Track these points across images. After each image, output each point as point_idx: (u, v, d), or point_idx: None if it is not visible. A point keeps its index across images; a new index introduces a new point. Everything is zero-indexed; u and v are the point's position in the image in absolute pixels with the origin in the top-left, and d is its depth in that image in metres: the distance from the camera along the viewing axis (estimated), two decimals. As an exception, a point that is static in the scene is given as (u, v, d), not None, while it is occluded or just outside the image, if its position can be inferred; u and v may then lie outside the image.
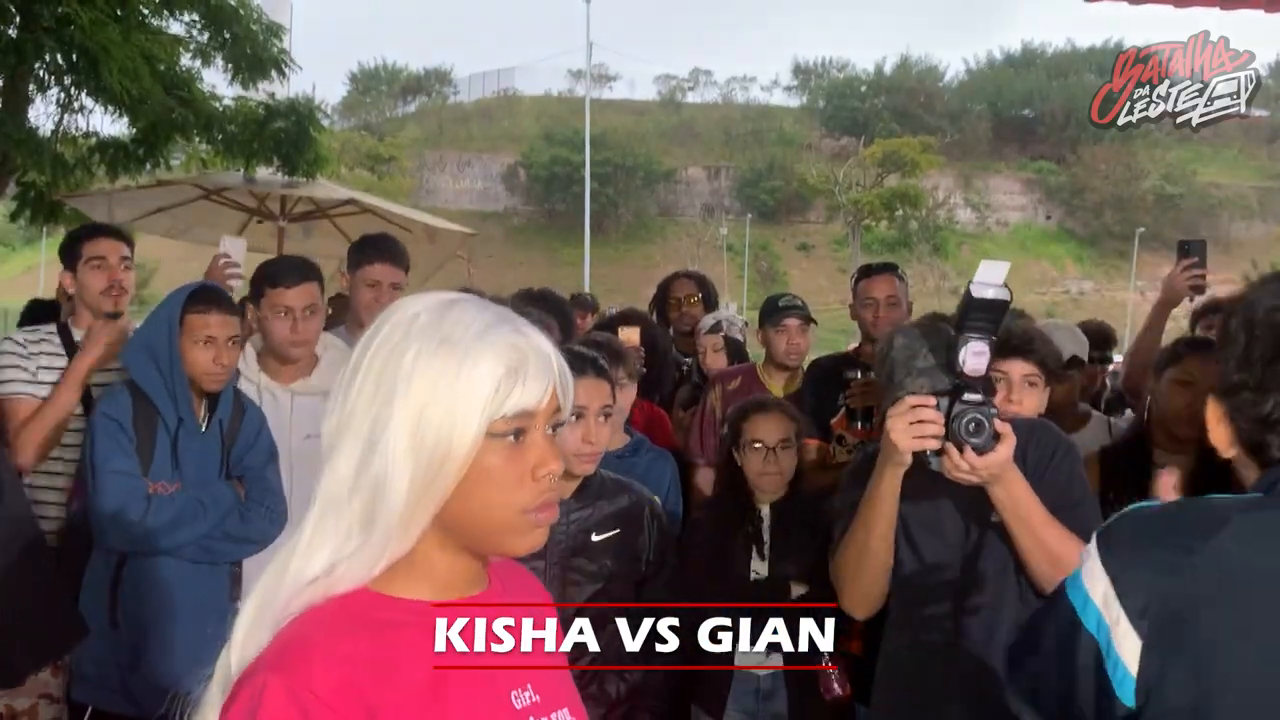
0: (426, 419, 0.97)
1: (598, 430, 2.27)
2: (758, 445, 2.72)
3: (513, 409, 0.99)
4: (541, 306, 3.79)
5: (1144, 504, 1.22)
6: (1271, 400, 1.16)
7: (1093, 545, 1.18)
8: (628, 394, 2.97)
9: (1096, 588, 1.14)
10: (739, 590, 2.69)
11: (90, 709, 2.61)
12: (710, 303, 4.40)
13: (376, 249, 3.42)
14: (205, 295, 2.72)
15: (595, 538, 2.30)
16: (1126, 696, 1.09)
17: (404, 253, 3.45)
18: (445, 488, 0.98)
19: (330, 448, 1.01)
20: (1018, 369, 2.52)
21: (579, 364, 2.32)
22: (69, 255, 3.15)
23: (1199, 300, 3.64)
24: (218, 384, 2.69)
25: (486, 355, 0.98)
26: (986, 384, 1.90)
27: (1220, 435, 1.24)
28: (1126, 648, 1.10)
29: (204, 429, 2.69)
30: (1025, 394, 2.50)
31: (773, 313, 3.72)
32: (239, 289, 3.56)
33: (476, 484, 0.99)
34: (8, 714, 2.61)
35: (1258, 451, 1.19)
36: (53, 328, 3.16)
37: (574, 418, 2.25)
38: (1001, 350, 2.54)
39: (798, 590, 2.69)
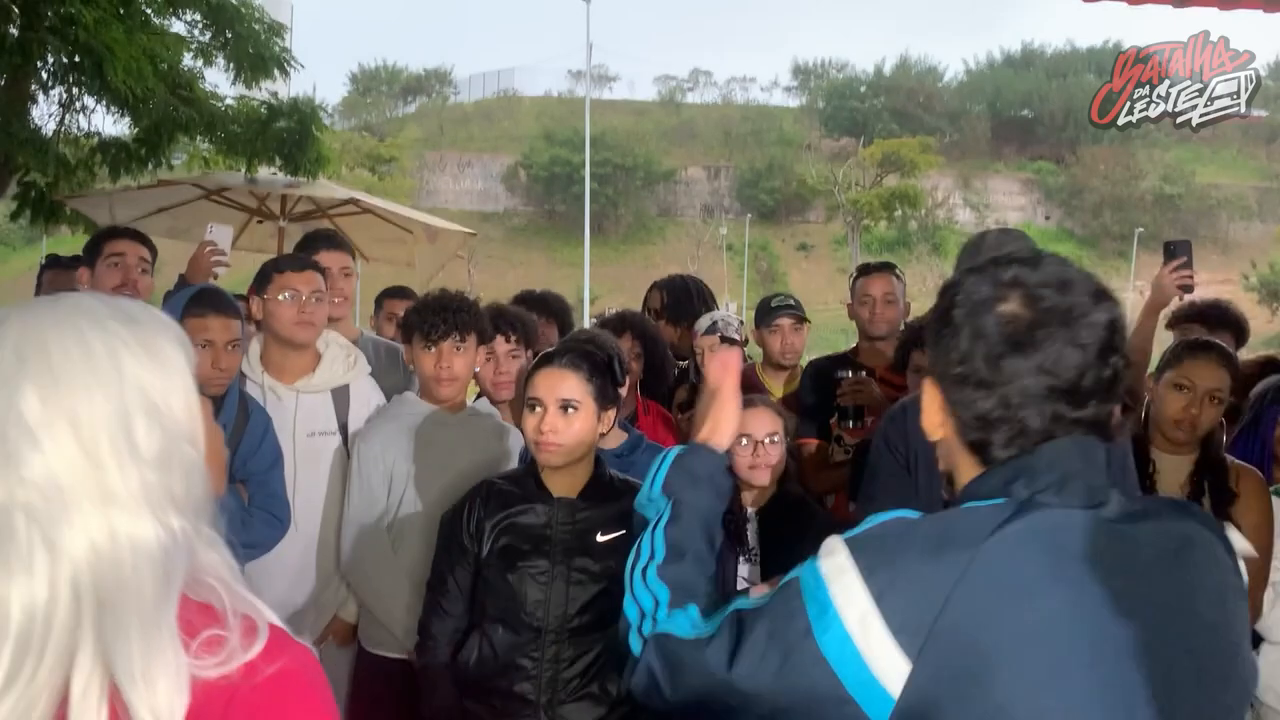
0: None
1: (555, 420, 2.26)
2: (744, 439, 2.72)
3: None
4: (541, 309, 3.82)
5: (899, 514, 1.16)
6: (995, 398, 1.14)
7: (844, 557, 1.12)
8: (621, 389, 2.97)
9: (852, 605, 1.08)
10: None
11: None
12: (682, 307, 4.34)
13: (316, 239, 3.53)
14: (203, 298, 2.69)
15: (600, 538, 2.30)
16: (880, 715, 1.05)
17: (346, 241, 3.59)
18: None
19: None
20: None
21: (545, 358, 2.35)
22: (90, 252, 3.23)
23: (1176, 305, 3.66)
24: (218, 389, 2.65)
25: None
26: None
27: (934, 421, 1.22)
28: (885, 668, 1.05)
29: (206, 432, 2.68)
30: None
31: (766, 313, 3.74)
32: (224, 276, 3.60)
33: None
34: None
35: (978, 449, 1.17)
36: None
37: (530, 408, 2.27)
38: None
39: None
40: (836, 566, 1.12)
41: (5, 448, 0.89)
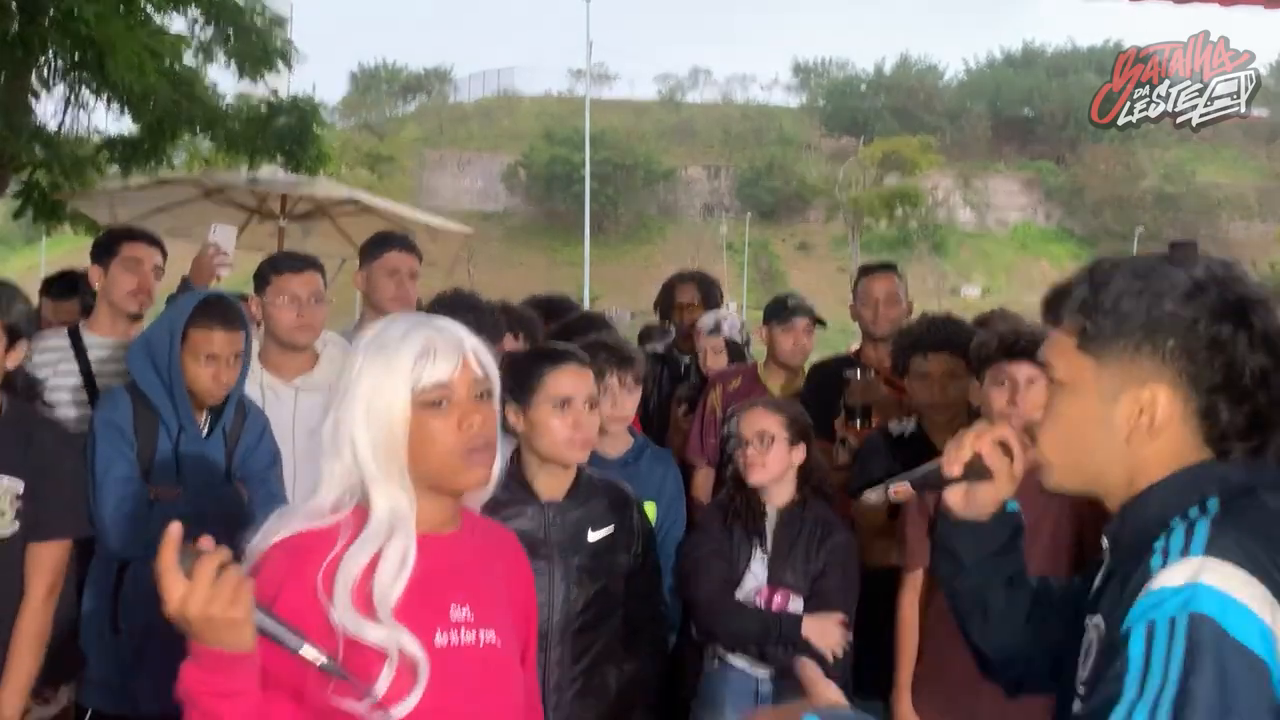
0: (372, 402, 1.42)
1: (586, 419, 2.27)
2: (746, 440, 2.75)
3: (429, 382, 1.40)
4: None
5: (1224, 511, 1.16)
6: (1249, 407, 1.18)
7: (1217, 563, 1.08)
8: (634, 398, 2.96)
9: (1260, 602, 1.04)
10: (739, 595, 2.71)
11: (91, 712, 2.60)
12: (712, 303, 4.41)
13: (392, 239, 3.53)
14: (211, 310, 2.61)
15: (592, 536, 2.30)
16: None
17: (416, 245, 3.56)
18: (401, 447, 1.41)
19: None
20: (1024, 372, 2.53)
21: (558, 355, 2.33)
22: (104, 252, 3.19)
23: None
24: (216, 400, 2.65)
25: (403, 348, 1.41)
26: None
27: (1174, 425, 1.21)
28: None
29: (206, 434, 2.67)
30: (1031, 394, 2.52)
31: (780, 311, 3.71)
32: (226, 278, 3.60)
33: (421, 443, 1.41)
34: None
35: (1219, 447, 1.20)
36: (63, 332, 3.17)
37: (560, 406, 2.25)
38: (1009, 352, 2.54)
39: (795, 602, 2.68)
40: (1223, 576, 1.06)
41: (342, 397, 1.43)
